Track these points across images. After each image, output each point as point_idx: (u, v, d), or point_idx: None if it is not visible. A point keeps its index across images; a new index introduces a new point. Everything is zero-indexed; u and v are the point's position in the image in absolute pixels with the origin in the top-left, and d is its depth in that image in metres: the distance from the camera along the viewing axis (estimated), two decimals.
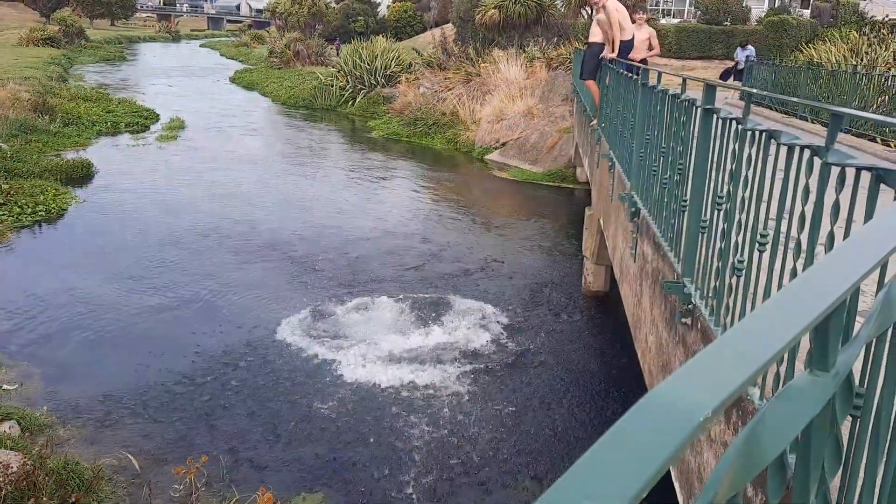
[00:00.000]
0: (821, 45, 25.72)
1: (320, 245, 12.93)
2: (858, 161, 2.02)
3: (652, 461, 0.63)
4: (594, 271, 11.35)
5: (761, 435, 0.81)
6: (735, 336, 0.80)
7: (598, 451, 0.65)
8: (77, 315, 9.63)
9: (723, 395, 0.69)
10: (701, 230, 4.02)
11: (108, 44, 64.28)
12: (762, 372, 0.75)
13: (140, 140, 22.65)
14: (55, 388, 7.79)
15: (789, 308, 0.85)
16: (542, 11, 31.62)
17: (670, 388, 0.71)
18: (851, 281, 0.91)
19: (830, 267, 0.94)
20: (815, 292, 0.88)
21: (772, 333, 0.80)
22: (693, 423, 0.66)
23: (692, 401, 0.68)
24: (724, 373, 0.73)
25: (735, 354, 0.76)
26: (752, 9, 38.78)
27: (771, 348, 0.77)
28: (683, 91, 4.74)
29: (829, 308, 0.87)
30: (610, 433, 0.67)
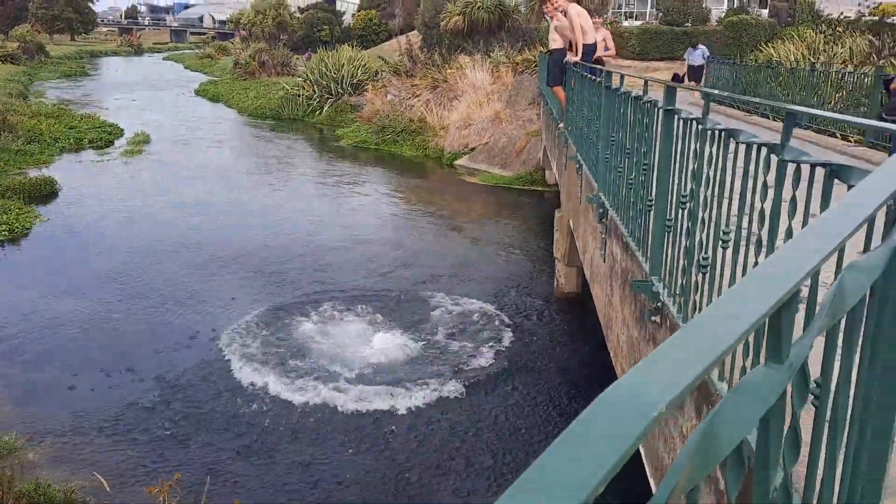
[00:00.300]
0: (779, 43, 26.20)
1: (290, 255, 12.85)
2: (813, 158, 2.07)
3: (609, 456, 0.65)
4: (566, 273, 11.43)
5: (718, 428, 0.83)
6: (690, 331, 0.83)
7: (558, 448, 0.66)
8: (43, 335, 9.47)
9: (677, 390, 0.71)
10: (666, 229, 4.07)
11: (69, 59, 63.38)
12: (716, 365, 0.77)
13: (104, 155, 22.37)
14: (23, 411, 7.65)
15: (742, 302, 0.88)
16: (506, 17, 31.83)
17: (628, 384, 0.73)
18: (802, 273, 0.94)
19: (782, 260, 0.97)
20: (766, 286, 0.90)
21: (725, 328, 0.82)
22: (649, 417, 0.68)
23: (648, 395, 0.70)
24: (679, 367, 0.75)
25: (689, 349, 0.78)
26: (711, 10, 39.38)
27: (724, 342, 0.79)
28: (645, 93, 4.81)
29: (781, 300, 0.89)
30: (570, 429, 0.69)
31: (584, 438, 0.66)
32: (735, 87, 18.35)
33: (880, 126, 2.03)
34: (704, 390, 3.12)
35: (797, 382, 1.07)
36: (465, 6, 31.80)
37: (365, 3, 67.68)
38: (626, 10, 48.04)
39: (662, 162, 4.14)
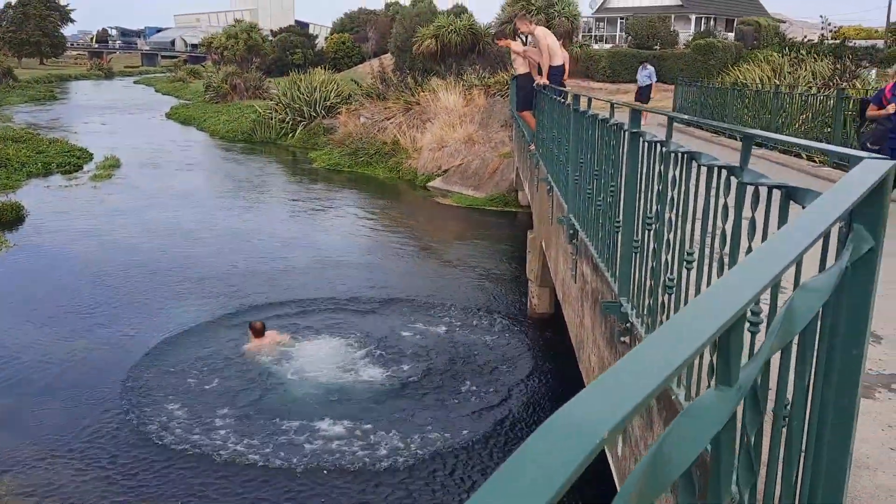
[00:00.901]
0: (745, 66, 26.74)
1: (259, 279, 12.73)
2: (770, 180, 2.11)
3: (553, 482, 0.65)
4: (538, 293, 11.47)
5: (668, 451, 0.83)
6: (637, 355, 0.83)
7: (502, 475, 0.66)
8: (7, 364, 9.27)
9: (621, 414, 0.71)
10: (634, 250, 4.11)
11: (37, 83, 62.74)
12: (661, 389, 0.78)
13: (73, 180, 22.10)
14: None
15: (689, 325, 0.89)
16: (478, 39, 32.17)
17: (573, 410, 0.73)
18: (748, 296, 0.96)
19: (728, 284, 0.99)
20: (712, 309, 0.92)
21: (671, 351, 0.83)
22: (593, 443, 0.68)
23: (593, 421, 0.70)
24: (624, 392, 0.75)
25: (635, 373, 0.79)
26: (679, 33, 40.13)
27: (670, 366, 0.80)
28: (612, 115, 4.87)
29: (728, 323, 0.91)
30: (514, 457, 0.69)
31: (527, 466, 0.66)
32: (703, 109, 18.67)
33: (830, 149, 2.08)
34: (673, 410, 3.14)
35: (749, 405, 1.08)
36: (437, 30, 32.11)
37: (338, 27, 68.03)
38: (595, 33, 48.78)
39: (629, 184, 4.19)
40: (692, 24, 44.60)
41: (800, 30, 43.62)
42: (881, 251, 1.51)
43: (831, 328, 1.43)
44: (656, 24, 36.87)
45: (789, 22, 50.75)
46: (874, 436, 2.88)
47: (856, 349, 1.49)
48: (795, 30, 42.98)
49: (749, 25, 38.66)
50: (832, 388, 1.46)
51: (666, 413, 3.23)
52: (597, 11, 49.53)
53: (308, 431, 7.78)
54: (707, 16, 46.32)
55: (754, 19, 41.05)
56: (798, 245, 1.13)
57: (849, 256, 1.43)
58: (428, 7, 39.71)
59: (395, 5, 58.76)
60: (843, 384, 1.46)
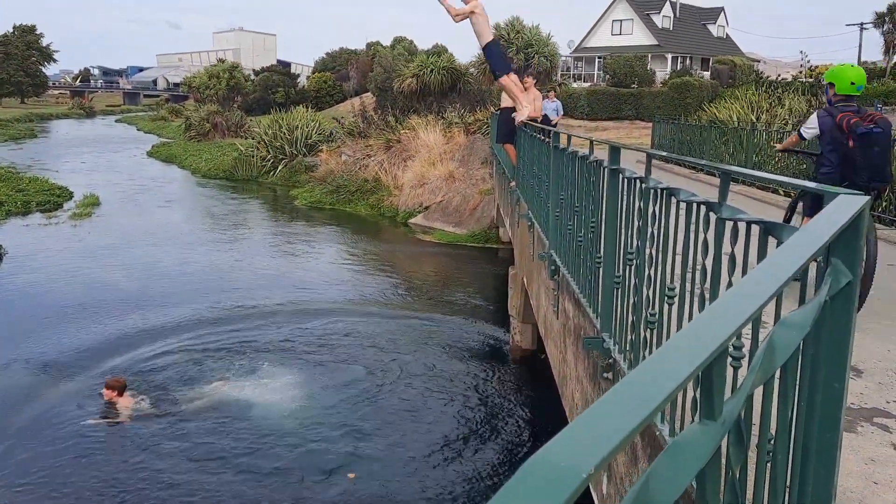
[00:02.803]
0: (722, 103, 27.23)
1: (232, 321, 12.53)
2: (748, 216, 2.13)
3: None
4: (521, 329, 11.45)
5: (652, 488, 0.83)
6: (620, 391, 0.83)
7: None
8: None
9: (605, 451, 0.70)
10: (615, 285, 4.12)
11: (17, 122, 62.53)
12: (645, 425, 0.78)
13: (52, 219, 21.91)
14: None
15: (672, 360, 0.89)
16: (458, 78, 32.57)
17: (556, 448, 0.72)
18: (730, 330, 0.96)
19: (709, 319, 0.99)
20: (696, 343, 0.91)
21: (655, 386, 0.83)
22: (576, 482, 0.67)
23: (576, 459, 0.69)
24: (607, 429, 0.75)
25: (618, 409, 0.78)
26: (656, 72, 40.90)
27: (653, 401, 0.80)
28: (591, 152, 4.92)
29: (710, 357, 0.91)
30: (496, 499, 0.68)
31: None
32: (681, 146, 18.93)
33: (805, 185, 2.10)
34: (657, 445, 3.12)
35: (733, 439, 1.07)
36: (417, 69, 32.49)
37: (320, 66, 68.70)
38: (574, 72, 49.57)
39: (609, 220, 4.21)
40: (668, 63, 45.50)
41: (773, 69, 44.65)
42: (859, 285, 1.52)
43: (812, 362, 1.43)
44: (633, 63, 37.57)
45: (763, 61, 51.90)
46: (857, 469, 2.88)
47: (837, 383, 1.49)
48: (770, 69, 43.95)
49: (724, 64, 39.48)
50: (815, 422, 1.46)
51: (650, 449, 3.21)
52: (575, 51, 50.44)
53: (292, 469, 7.66)
54: (683, 55, 47.34)
55: (729, 58, 41.94)
56: (777, 280, 1.13)
57: (827, 290, 1.44)
58: (408, 47, 40.27)
59: (375, 45, 59.52)
60: (826, 418, 1.46)
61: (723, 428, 0.97)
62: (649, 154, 3.60)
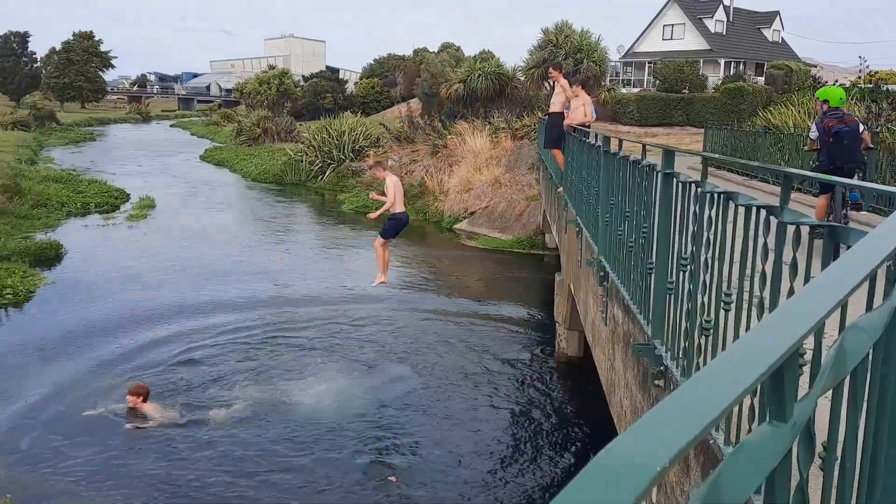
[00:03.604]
0: (777, 109, 26.65)
1: (279, 322, 12.71)
2: (811, 220, 2.08)
3: None
4: (567, 336, 11.35)
5: (722, 488, 0.81)
6: (689, 389, 0.82)
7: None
8: (41, 401, 9.35)
9: (677, 447, 0.69)
10: (668, 292, 4.06)
11: (78, 126, 64.47)
12: (716, 423, 0.76)
13: (110, 220, 22.53)
14: (20, 477, 7.50)
15: (743, 359, 0.87)
16: (506, 84, 32.50)
17: (624, 445, 0.71)
18: (802, 331, 0.94)
19: (782, 318, 0.97)
20: (768, 343, 0.90)
21: (726, 385, 0.81)
22: (648, 477, 0.66)
23: (645, 456, 0.68)
24: (677, 427, 0.73)
25: (688, 407, 0.77)
26: (708, 77, 40.24)
27: (724, 400, 0.78)
28: (644, 157, 4.87)
29: (783, 357, 0.89)
30: (563, 494, 0.67)
31: (582, 499, 0.65)
32: (734, 153, 18.57)
33: (880, 188, 2.04)
34: (711, 455, 3.06)
35: (803, 442, 1.05)
36: (464, 74, 32.53)
37: (367, 72, 69.33)
38: (623, 77, 49.11)
39: (662, 225, 4.16)
40: (721, 69, 44.72)
41: (830, 74, 43.56)
42: None
43: (883, 367, 1.39)
44: (685, 68, 37.03)
45: (820, 66, 50.72)
46: None
47: None
48: (826, 74, 42.89)
49: (779, 70, 38.66)
50: (884, 430, 1.41)
51: (703, 458, 3.16)
52: (624, 56, 49.95)
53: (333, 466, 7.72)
54: (736, 60, 46.48)
55: (785, 63, 41.07)
56: (848, 283, 1.10)
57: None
58: (455, 53, 40.39)
59: (423, 51, 59.85)
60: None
61: (793, 430, 0.95)
62: (705, 158, 3.55)
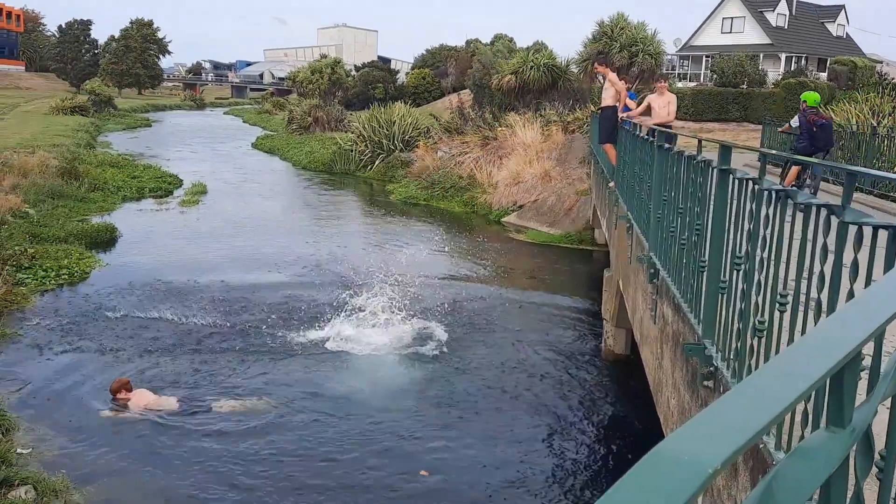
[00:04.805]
0: (839, 106, 25.87)
1: (337, 308, 12.85)
2: (875, 220, 2.01)
3: None
4: (614, 334, 11.23)
5: (776, 492, 0.79)
6: (745, 389, 0.79)
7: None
8: (89, 378, 9.62)
9: (731, 449, 0.67)
10: (720, 291, 3.98)
11: (134, 112, 66.07)
12: (773, 425, 0.74)
13: (163, 204, 23.06)
14: (70, 452, 7.74)
15: (802, 361, 0.84)
16: (558, 76, 32.21)
17: (679, 443, 0.69)
18: (866, 333, 0.90)
19: (844, 320, 0.93)
20: (828, 345, 0.87)
21: (782, 387, 0.79)
22: (700, 479, 0.64)
23: (700, 455, 0.67)
24: (732, 427, 0.71)
25: (744, 408, 0.75)
26: (768, 72, 39.27)
27: (781, 402, 0.76)
28: (699, 152, 4.77)
29: (844, 360, 0.86)
30: (615, 488, 0.66)
31: (632, 497, 0.63)
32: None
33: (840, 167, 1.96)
34: (760, 459, 2.99)
35: (861, 449, 1.01)
36: (516, 65, 32.34)
37: (419, 62, 69.48)
38: (679, 71, 48.24)
39: (716, 222, 4.07)
40: (782, 63, 43.62)
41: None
42: None
43: None
44: (744, 62, 36.21)
45: (887, 62, 49.04)
46: None
47: None
48: (893, 70, 41.45)
49: (843, 65, 37.53)
50: None
51: (753, 462, 3.09)
52: (681, 49, 49.04)
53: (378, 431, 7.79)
54: (798, 55, 45.27)
55: (849, 59, 39.84)
56: None
57: None
58: (507, 44, 40.17)
59: (475, 42, 59.68)
60: None
61: (852, 436, 0.92)
62: (763, 153, 3.46)
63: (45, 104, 53.58)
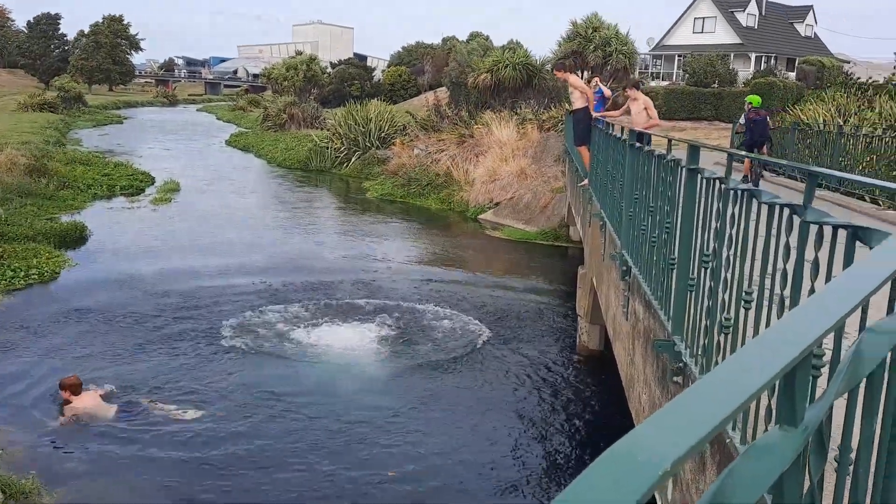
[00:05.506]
0: (807, 105, 26.25)
1: (306, 310, 12.79)
2: (835, 219, 2.05)
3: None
4: (588, 330, 11.32)
5: (730, 490, 0.81)
6: (699, 390, 0.81)
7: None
8: (58, 379, 9.47)
9: (683, 449, 0.69)
10: (689, 288, 4.04)
11: (105, 109, 65.19)
12: (727, 424, 0.76)
13: (135, 202, 22.79)
14: (39, 454, 7.64)
15: (756, 360, 0.86)
16: (534, 75, 32.33)
17: (636, 440, 0.71)
18: (816, 334, 0.93)
19: (797, 319, 0.96)
20: (781, 344, 0.89)
21: (736, 386, 0.81)
22: (656, 475, 0.66)
23: (656, 452, 0.68)
24: (689, 424, 0.73)
25: (700, 406, 0.77)
26: (738, 71, 39.72)
27: (734, 401, 0.78)
28: (669, 151, 4.83)
29: (795, 360, 0.88)
30: (572, 487, 0.67)
31: (585, 497, 0.65)
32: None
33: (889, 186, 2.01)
34: (726, 453, 3.04)
35: (814, 447, 1.04)
36: (493, 64, 32.40)
37: (395, 60, 69.35)
38: (652, 70, 48.61)
39: (685, 221, 4.12)
40: (752, 63, 44.13)
41: (864, 70, 42.79)
42: None
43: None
44: (715, 62, 36.58)
45: (854, 62, 49.81)
46: None
47: None
48: (860, 70, 42.14)
49: (811, 65, 38.07)
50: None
51: (719, 457, 3.14)
52: (654, 49, 49.42)
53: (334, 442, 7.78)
54: (767, 55, 45.82)
55: (817, 59, 40.42)
56: (868, 285, 1.09)
57: None
58: (483, 43, 40.21)
59: (451, 40, 59.67)
60: None
61: (804, 434, 0.94)
62: (730, 154, 3.51)
63: (13, 101, 52.70)
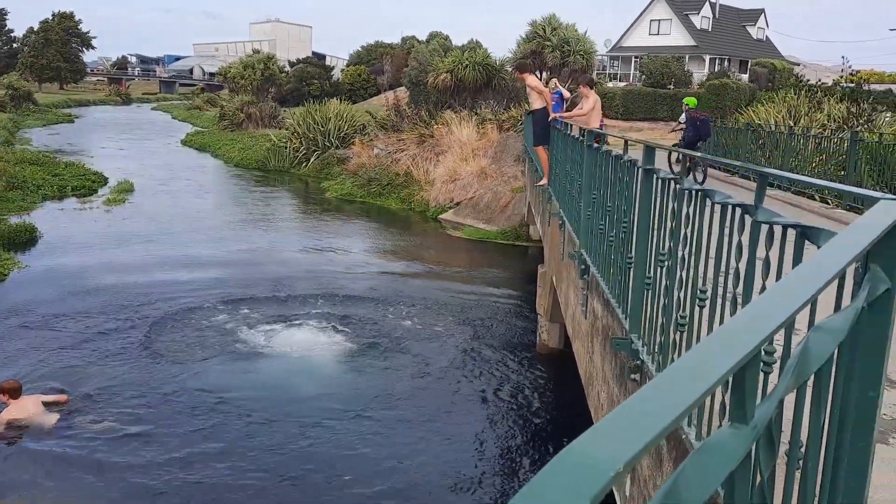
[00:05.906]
0: (760, 107, 26.81)
1: (263, 311, 12.67)
2: (785, 219, 2.10)
3: None
4: (548, 329, 11.40)
5: (681, 489, 0.82)
6: (652, 390, 0.82)
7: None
8: None
9: (636, 449, 0.70)
10: (646, 287, 4.09)
11: (56, 107, 63.66)
12: (677, 424, 0.77)
13: (87, 203, 22.29)
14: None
15: (705, 361, 0.88)
16: (493, 75, 32.47)
17: (586, 444, 0.72)
18: (765, 333, 0.94)
19: (745, 320, 0.97)
20: (730, 345, 0.90)
21: (687, 386, 0.82)
22: (606, 478, 0.67)
23: (606, 455, 0.69)
24: (638, 427, 0.74)
25: (650, 408, 0.77)
26: (693, 73, 40.44)
27: (685, 401, 0.79)
28: (625, 152, 4.89)
29: (744, 360, 0.89)
30: (523, 493, 0.67)
31: (539, 500, 0.65)
32: (716, 149, 18.70)
33: (848, 189, 2.07)
34: (683, 450, 3.09)
35: (764, 444, 1.06)
36: (452, 64, 32.45)
37: (354, 59, 69.01)
38: (610, 71, 49.20)
39: (642, 220, 4.18)
40: (706, 65, 44.94)
41: (813, 73, 43.89)
42: None
43: (847, 369, 1.41)
44: (671, 63, 37.18)
45: (804, 65, 51.07)
46: (889, 481, 2.83)
47: (872, 391, 1.47)
48: (810, 73, 43.21)
49: (764, 67, 38.92)
50: (847, 431, 1.43)
51: (676, 453, 3.19)
52: (611, 50, 50.02)
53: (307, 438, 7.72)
54: (721, 57, 46.71)
55: (769, 61, 41.34)
56: (814, 284, 1.11)
57: (865, 297, 1.42)
58: (443, 43, 40.25)
59: (411, 39, 59.63)
60: (859, 427, 1.44)
61: (754, 432, 0.96)
62: (684, 154, 3.56)
63: None
